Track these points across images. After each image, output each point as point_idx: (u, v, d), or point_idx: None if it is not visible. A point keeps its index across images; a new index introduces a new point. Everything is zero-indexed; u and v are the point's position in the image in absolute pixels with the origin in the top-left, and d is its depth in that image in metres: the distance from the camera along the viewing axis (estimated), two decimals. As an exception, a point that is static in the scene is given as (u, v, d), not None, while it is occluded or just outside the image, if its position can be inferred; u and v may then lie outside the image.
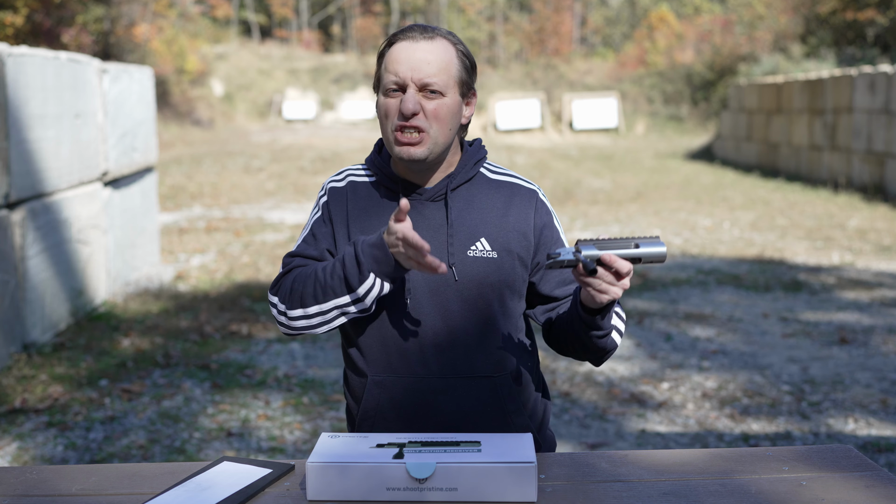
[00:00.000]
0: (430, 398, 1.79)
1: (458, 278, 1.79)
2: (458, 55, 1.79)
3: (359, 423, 1.84)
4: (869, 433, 4.15)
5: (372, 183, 1.88)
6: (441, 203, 1.83)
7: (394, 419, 1.80)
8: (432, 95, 1.74)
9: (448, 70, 1.76)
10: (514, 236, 1.83)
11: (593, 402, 4.58)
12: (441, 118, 1.75)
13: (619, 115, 26.73)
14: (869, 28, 21.03)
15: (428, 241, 1.78)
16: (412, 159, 1.76)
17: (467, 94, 1.82)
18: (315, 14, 50.86)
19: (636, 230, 10.02)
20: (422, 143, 1.75)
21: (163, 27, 28.63)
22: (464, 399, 1.80)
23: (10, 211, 5.14)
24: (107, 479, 1.64)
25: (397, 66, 1.74)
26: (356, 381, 1.85)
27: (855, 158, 13.58)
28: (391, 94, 1.76)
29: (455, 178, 1.84)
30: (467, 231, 1.81)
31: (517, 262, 1.83)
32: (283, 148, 20.94)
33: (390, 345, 1.79)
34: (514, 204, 1.86)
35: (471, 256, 1.80)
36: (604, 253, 1.59)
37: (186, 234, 9.65)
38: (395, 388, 1.79)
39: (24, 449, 3.92)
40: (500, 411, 1.83)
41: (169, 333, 5.74)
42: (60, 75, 5.75)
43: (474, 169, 1.87)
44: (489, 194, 1.86)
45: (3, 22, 17.52)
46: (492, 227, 1.82)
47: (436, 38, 1.77)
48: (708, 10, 38.24)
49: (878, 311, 6.44)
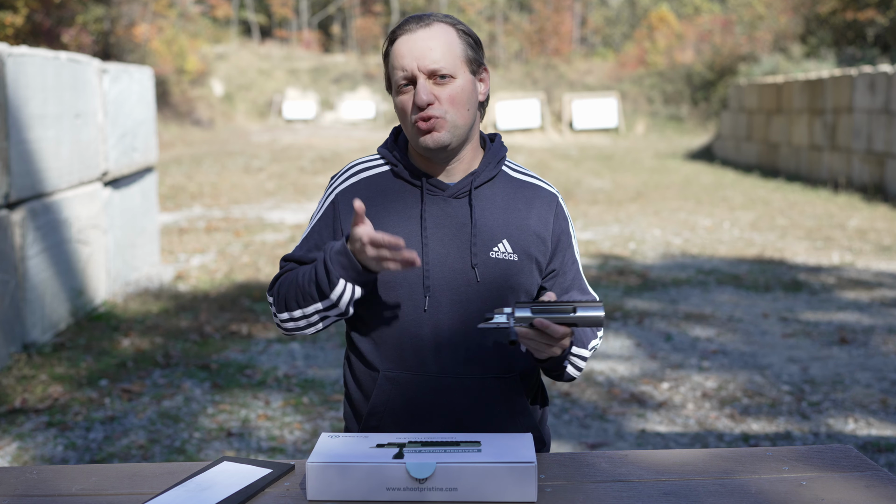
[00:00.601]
0: (441, 396, 1.78)
1: (479, 279, 1.77)
2: (460, 34, 1.77)
3: (366, 419, 1.82)
4: (869, 433, 4.15)
5: (388, 173, 1.85)
6: (464, 200, 1.80)
7: (403, 415, 1.79)
8: (443, 81, 1.73)
9: (452, 51, 1.74)
10: (533, 240, 1.82)
11: (593, 402, 4.58)
12: (457, 102, 1.74)
13: (619, 115, 26.73)
14: (869, 28, 21.03)
15: (450, 239, 1.78)
16: (438, 146, 1.74)
17: (478, 71, 1.80)
18: (315, 14, 50.86)
19: (636, 230, 10.02)
20: (441, 127, 1.73)
21: (163, 27, 28.63)
22: (474, 398, 1.79)
23: (10, 211, 5.14)
24: (107, 479, 1.63)
25: (402, 61, 1.73)
26: (366, 375, 1.83)
27: (855, 158, 13.58)
28: (403, 90, 1.75)
29: (479, 175, 1.82)
30: (490, 232, 1.79)
31: (535, 267, 1.83)
32: (283, 148, 20.94)
33: (406, 341, 1.77)
34: (535, 207, 1.85)
35: (493, 258, 1.78)
36: (536, 318, 1.61)
37: (186, 234, 9.65)
38: (407, 385, 1.78)
39: (24, 449, 3.92)
40: (509, 412, 1.82)
41: (169, 333, 5.74)
42: (60, 75, 5.75)
43: (497, 167, 1.85)
44: (511, 194, 1.84)
45: (3, 22, 17.52)
46: (514, 228, 1.81)
47: (433, 24, 1.75)
48: (708, 10, 38.24)
49: (878, 311, 6.45)
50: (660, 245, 9.11)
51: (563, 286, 1.88)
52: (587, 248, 8.90)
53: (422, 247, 1.76)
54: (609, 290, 7.03)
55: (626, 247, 9.00)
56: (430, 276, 1.76)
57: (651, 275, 7.64)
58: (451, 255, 1.77)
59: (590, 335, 1.87)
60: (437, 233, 1.78)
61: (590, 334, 1.86)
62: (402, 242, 1.59)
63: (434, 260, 1.77)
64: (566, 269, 1.89)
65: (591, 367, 5.10)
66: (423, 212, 1.78)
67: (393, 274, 1.75)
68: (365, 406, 1.84)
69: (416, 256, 1.60)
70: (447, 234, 1.77)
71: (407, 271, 1.75)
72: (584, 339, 1.83)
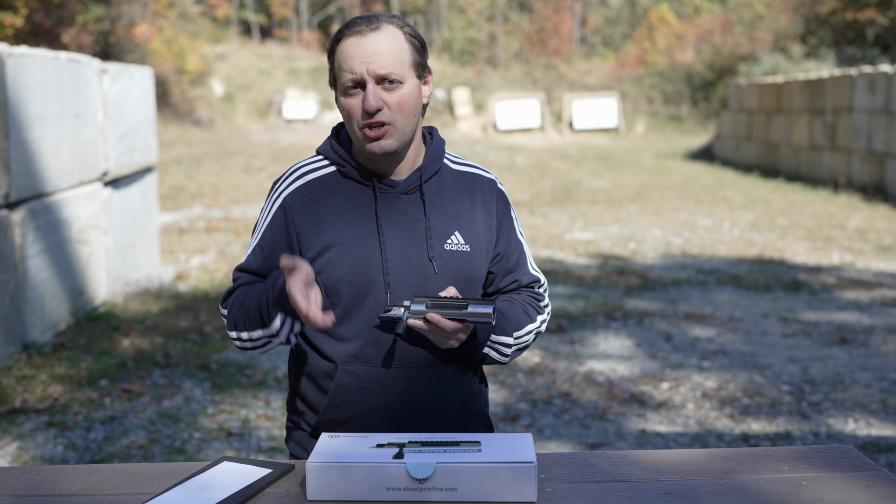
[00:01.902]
0: (401, 387, 1.81)
1: (437, 271, 1.81)
2: (407, 38, 1.79)
3: (324, 411, 1.83)
4: (869, 433, 4.15)
5: (335, 174, 1.87)
6: (415, 196, 1.84)
7: (363, 406, 1.81)
8: (391, 86, 1.75)
9: (401, 57, 1.76)
10: (481, 229, 1.89)
11: (593, 402, 4.58)
12: (405, 108, 1.77)
13: (619, 115, 26.73)
14: (869, 28, 21.03)
15: (406, 234, 1.82)
16: (385, 153, 1.77)
17: (423, 74, 1.83)
18: (315, 14, 50.88)
19: (636, 230, 10.02)
20: (390, 135, 1.76)
21: (163, 27, 28.63)
22: (430, 388, 1.83)
23: (10, 211, 5.14)
24: (107, 479, 1.63)
25: (351, 64, 1.74)
26: (321, 367, 1.84)
27: (855, 158, 13.58)
28: (350, 93, 1.77)
29: (426, 170, 1.86)
30: (442, 224, 1.84)
31: (484, 255, 1.89)
32: (283, 148, 20.94)
33: (366, 335, 1.80)
34: (478, 195, 1.91)
35: (448, 250, 1.83)
36: (429, 312, 1.70)
37: (186, 234, 9.65)
38: (366, 377, 1.81)
39: (24, 449, 3.92)
40: (460, 398, 1.87)
41: (169, 333, 5.74)
42: (60, 75, 5.75)
43: (440, 160, 1.90)
44: (455, 186, 1.90)
45: (3, 23, 17.52)
46: (463, 220, 1.87)
47: (382, 27, 1.76)
48: (708, 10, 38.23)
49: (878, 311, 6.44)
50: (660, 245, 9.11)
51: (506, 267, 1.94)
52: (587, 248, 8.91)
53: (379, 244, 1.80)
54: (609, 290, 7.04)
55: (626, 247, 9.00)
56: (389, 272, 1.80)
57: (651, 275, 7.64)
58: (409, 250, 1.81)
59: (521, 321, 1.89)
60: (393, 229, 1.82)
61: (522, 320, 1.89)
62: (319, 318, 1.60)
63: (392, 256, 1.80)
64: (510, 251, 1.95)
65: (590, 367, 5.10)
66: (378, 210, 1.81)
67: (352, 272, 1.79)
68: (321, 399, 1.85)
69: (329, 321, 1.62)
70: (402, 231, 1.82)
71: (366, 269, 1.79)
72: (506, 326, 1.84)
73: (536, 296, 1.98)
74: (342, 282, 1.79)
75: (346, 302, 1.80)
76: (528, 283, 1.98)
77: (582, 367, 5.12)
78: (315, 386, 1.87)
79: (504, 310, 1.87)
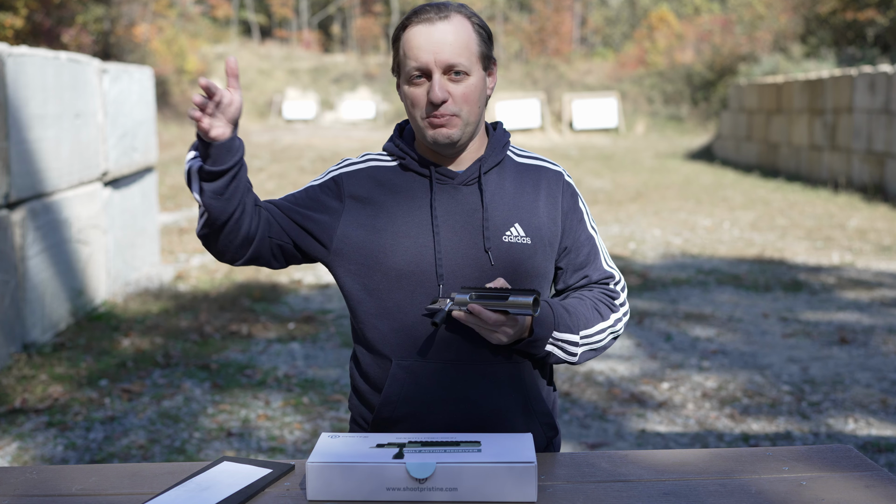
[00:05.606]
0: (457, 383, 1.76)
1: (493, 263, 1.76)
2: (475, 29, 1.76)
3: (379, 409, 1.79)
4: (869, 433, 4.15)
5: (396, 167, 1.84)
6: (474, 187, 1.80)
7: (418, 403, 1.77)
8: (458, 77, 1.72)
9: (469, 48, 1.73)
10: (544, 222, 1.82)
11: (593, 402, 4.58)
12: (470, 100, 1.74)
13: (619, 115, 26.73)
14: (869, 28, 21.04)
15: (462, 226, 1.77)
16: (448, 141, 1.74)
17: (489, 66, 1.80)
18: (315, 14, 50.88)
19: (636, 230, 10.02)
20: (454, 124, 1.73)
21: (163, 27, 28.64)
22: (488, 386, 1.77)
23: (10, 211, 5.14)
24: (107, 479, 1.63)
25: (418, 52, 1.71)
26: (376, 365, 1.81)
27: (855, 158, 13.58)
28: (415, 82, 1.73)
29: (486, 161, 1.81)
30: (501, 216, 1.79)
31: (548, 249, 1.82)
32: (283, 148, 20.94)
33: (419, 329, 1.76)
34: (543, 188, 1.84)
35: (506, 242, 1.77)
36: (471, 303, 1.64)
37: (186, 234, 9.65)
38: (421, 373, 1.76)
39: (24, 449, 3.92)
40: (523, 397, 1.81)
41: (169, 333, 5.74)
42: (60, 75, 5.75)
43: (503, 152, 1.85)
44: (519, 178, 1.84)
45: (3, 23, 17.52)
46: (524, 212, 1.81)
47: (451, 16, 1.73)
48: (708, 10, 38.24)
49: (878, 311, 6.45)
50: (660, 245, 9.12)
51: (576, 263, 1.87)
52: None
53: (433, 235, 1.76)
54: (609, 290, 7.03)
55: (627, 247, 9.00)
56: (442, 264, 1.75)
57: (651, 275, 7.64)
58: (464, 241, 1.76)
59: (591, 319, 1.80)
60: (448, 220, 1.77)
61: (591, 318, 1.80)
62: (217, 91, 1.66)
63: (446, 248, 1.76)
64: (579, 246, 1.87)
65: (590, 367, 5.10)
66: (434, 200, 1.78)
67: (405, 264, 1.75)
68: (376, 398, 1.82)
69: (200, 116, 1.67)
70: (458, 222, 1.77)
71: (419, 260, 1.75)
72: (571, 324, 1.77)
73: (610, 293, 1.88)
74: (394, 272, 1.75)
75: (397, 293, 1.76)
76: (599, 280, 1.88)
77: (582, 366, 5.12)
78: (369, 384, 1.83)
79: (571, 306, 1.79)
